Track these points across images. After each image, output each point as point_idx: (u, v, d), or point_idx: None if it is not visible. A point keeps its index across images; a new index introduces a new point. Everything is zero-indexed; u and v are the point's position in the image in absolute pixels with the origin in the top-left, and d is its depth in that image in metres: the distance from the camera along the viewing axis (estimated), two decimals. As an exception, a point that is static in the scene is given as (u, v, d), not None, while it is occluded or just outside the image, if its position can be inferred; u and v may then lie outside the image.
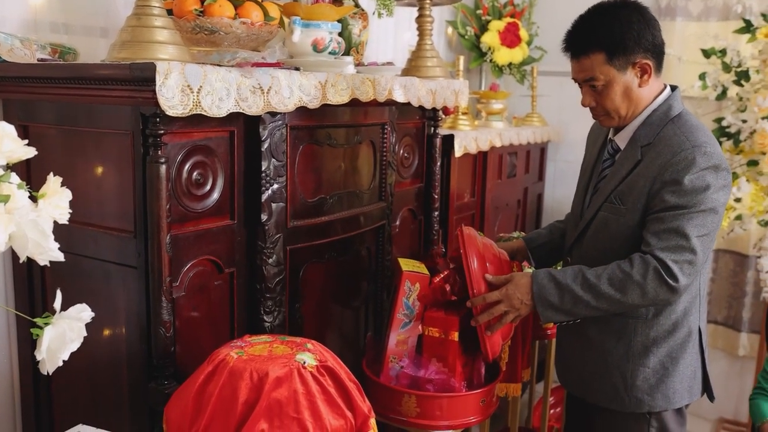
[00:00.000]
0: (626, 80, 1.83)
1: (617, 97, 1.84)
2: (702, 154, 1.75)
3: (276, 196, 1.84)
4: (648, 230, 1.79)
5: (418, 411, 1.92)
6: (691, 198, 1.74)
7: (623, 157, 1.89)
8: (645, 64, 1.81)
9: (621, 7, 1.84)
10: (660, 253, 1.74)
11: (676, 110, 1.87)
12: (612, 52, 1.80)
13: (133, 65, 1.48)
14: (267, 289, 1.86)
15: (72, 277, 1.76)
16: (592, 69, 1.83)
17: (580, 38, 1.86)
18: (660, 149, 1.81)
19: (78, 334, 1.32)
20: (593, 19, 1.85)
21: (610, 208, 1.89)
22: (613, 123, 1.91)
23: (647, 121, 1.87)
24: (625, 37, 1.79)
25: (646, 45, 1.80)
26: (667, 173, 1.76)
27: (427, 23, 2.44)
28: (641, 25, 1.80)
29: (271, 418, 1.39)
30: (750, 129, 3.26)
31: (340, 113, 2.05)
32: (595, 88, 1.85)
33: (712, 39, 3.47)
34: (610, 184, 1.90)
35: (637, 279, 1.74)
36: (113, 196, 1.67)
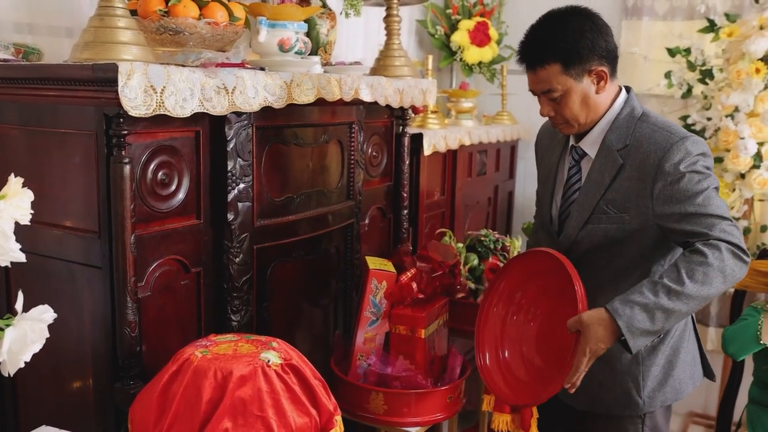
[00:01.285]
0: (583, 88, 1.81)
1: (575, 106, 1.82)
2: (692, 143, 1.74)
3: (242, 196, 1.85)
4: (682, 225, 1.72)
5: (385, 408, 1.93)
6: (698, 182, 1.70)
7: (600, 164, 1.85)
8: (601, 71, 1.80)
9: (572, 15, 1.82)
10: (716, 234, 1.68)
11: (639, 110, 1.87)
12: (567, 62, 1.78)
13: (96, 66, 1.48)
14: (234, 288, 1.86)
15: (37, 278, 1.75)
16: (549, 80, 1.80)
17: (534, 50, 1.83)
18: (646, 149, 1.78)
19: (40, 335, 1.32)
20: (546, 29, 1.83)
21: (605, 219, 1.84)
22: (573, 131, 1.89)
23: (615, 125, 1.85)
24: (580, 46, 1.77)
25: (600, 52, 1.79)
26: (667, 167, 1.73)
27: (395, 23, 2.45)
28: (594, 33, 1.78)
29: (235, 416, 1.40)
30: (714, 126, 3.32)
31: (307, 113, 2.06)
32: (554, 98, 1.83)
33: (677, 38, 3.52)
34: (593, 194, 1.85)
35: (717, 264, 1.65)
36: (78, 197, 1.67)
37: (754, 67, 3.14)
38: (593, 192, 1.85)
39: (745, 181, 3.31)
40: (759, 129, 3.18)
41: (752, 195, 3.38)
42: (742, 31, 3.22)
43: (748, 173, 3.28)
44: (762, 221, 3.59)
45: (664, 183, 1.73)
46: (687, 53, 3.44)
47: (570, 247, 1.90)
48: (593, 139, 1.88)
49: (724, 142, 3.24)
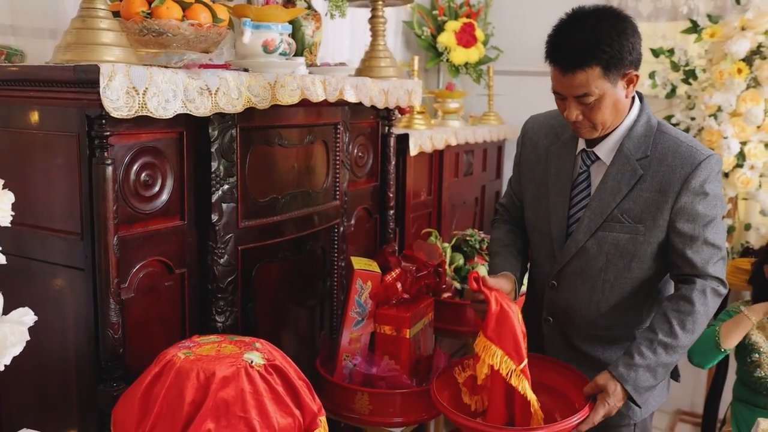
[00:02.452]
0: (616, 92, 1.72)
1: (607, 111, 1.74)
2: (716, 162, 1.76)
3: (227, 197, 1.85)
4: (686, 247, 1.77)
5: (371, 408, 1.93)
6: (714, 206, 1.75)
7: (616, 172, 1.80)
8: (634, 76, 1.73)
9: (611, 17, 1.71)
10: (707, 271, 1.76)
11: (654, 120, 1.84)
12: (609, 66, 1.68)
13: (77, 67, 1.47)
14: (218, 289, 1.86)
15: (20, 279, 1.74)
16: (587, 84, 1.69)
17: (575, 52, 1.69)
18: (671, 162, 1.75)
19: (20, 338, 1.32)
20: (586, 31, 1.69)
21: (618, 227, 1.81)
22: (595, 134, 1.80)
23: (633, 133, 1.80)
24: (623, 50, 1.68)
25: (637, 56, 1.72)
26: (693, 186, 1.73)
27: (380, 24, 2.46)
28: (634, 38, 1.71)
29: (217, 417, 1.40)
30: (698, 126, 3.35)
31: (292, 113, 2.06)
32: (588, 103, 1.72)
33: (661, 39, 3.55)
34: (608, 201, 1.81)
35: (703, 310, 1.76)
36: (61, 198, 1.66)
37: (736, 68, 3.17)
38: (608, 199, 1.81)
39: (728, 180, 3.33)
40: (742, 128, 3.21)
41: (736, 194, 3.41)
42: (725, 32, 3.25)
43: (731, 172, 3.30)
44: (746, 220, 3.62)
45: (688, 199, 1.74)
46: (671, 54, 3.46)
47: (576, 253, 1.85)
48: (610, 145, 1.82)
49: (708, 142, 3.26)
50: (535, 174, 1.97)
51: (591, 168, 1.86)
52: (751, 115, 3.17)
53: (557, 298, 1.93)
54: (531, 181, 1.99)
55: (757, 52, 3.20)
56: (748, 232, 3.58)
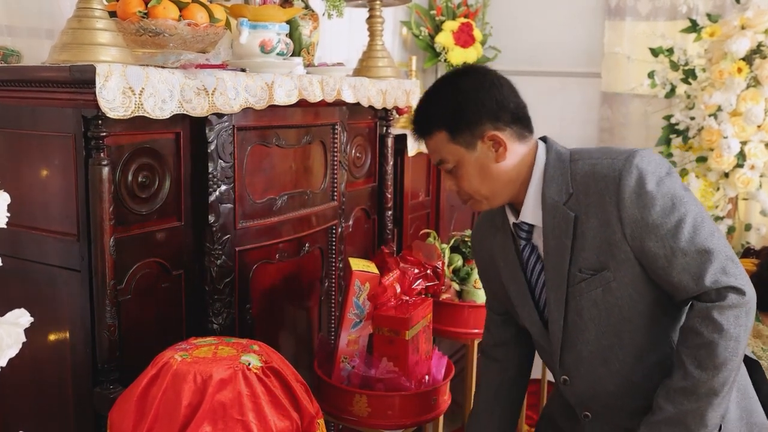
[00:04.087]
0: (478, 158, 1.55)
1: (473, 178, 1.57)
2: (641, 158, 1.48)
3: (224, 198, 1.84)
4: (668, 273, 1.45)
5: (369, 411, 1.92)
6: (672, 205, 1.44)
7: (552, 228, 1.55)
8: (495, 136, 1.53)
9: (462, 76, 1.60)
10: (705, 286, 1.42)
11: (565, 150, 1.60)
12: (453, 129, 1.55)
13: (73, 67, 1.46)
14: (215, 290, 1.85)
15: (16, 281, 1.73)
16: (438, 150, 1.59)
17: (421, 117, 1.61)
18: (595, 188, 1.50)
19: (16, 339, 1.31)
20: (432, 94, 1.61)
21: (585, 287, 1.53)
22: (482, 206, 1.63)
23: (547, 179, 1.56)
24: (465, 110, 1.54)
25: (491, 114, 1.54)
26: (628, 201, 1.45)
27: (378, 24, 2.45)
28: (482, 93, 1.54)
29: (215, 420, 1.39)
30: (698, 126, 3.34)
31: (289, 114, 2.05)
32: (449, 170, 1.60)
33: (660, 38, 3.54)
34: (560, 264, 1.55)
35: (717, 337, 1.40)
36: (57, 200, 1.65)
37: (736, 67, 3.17)
38: (560, 262, 1.55)
39: (728, 180, 3.33)
40: (742, 128, 3.21)
41: (736, 194, 3.40)
42: (724, 31, 3.24)
43: (731, 172, 3.30)
44: (746, 220, 3.62)
45: (633, 214, 1.45)
46: (670, 53, 3.46)
47: (563, 336, 1.59)
48: (532, 206, 1.58)
49: (708, 142, 3.26)
50: (496, 275, 1.74)
51: (533, 239, 1.63)
52: (752, 115, 3.16)
53: (579, 391, 1.64)
54: (495, 283, 1.77)
55: (757, 51, 3.20)
56: (748, 232, 3.57)
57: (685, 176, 3.45)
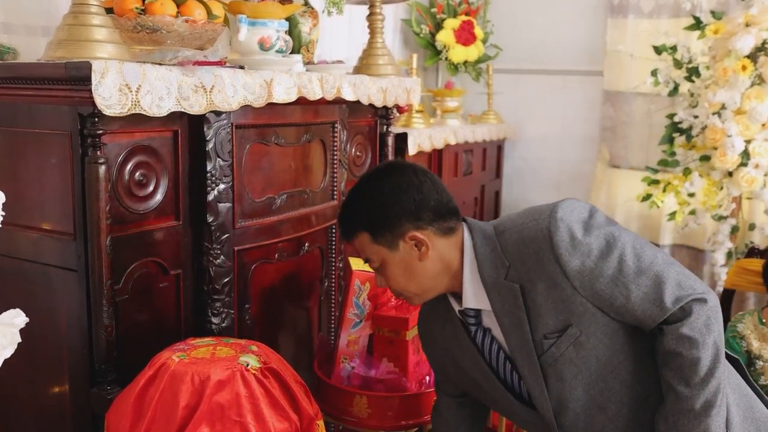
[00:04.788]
0: (402, 257, 1.55)
1: (399, 277, 1.58)
2: (563, 210, 1.48)
3: (222, 197, 1.82)
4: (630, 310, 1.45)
5: (369, 412, 1.90)
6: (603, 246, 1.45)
7: (501, 306, 1.52)
8: (415, 236, 1.53)
9: (381, 176, 1.61)
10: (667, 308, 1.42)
11: (488, 227, 1.58)
12: (374, 230, 1.56)
13: (69, 64, 1.44)
14: (214, 290, 1.83)
15: (12, 281, 1.72)
16: (363, 250, 1.61)
17: (343, 219, 1.64)
18: (529, 253, 1.48)
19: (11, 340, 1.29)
20: (353, 196, 1.63)
21: (557, 349, 1.49)
22: (414, 302, 1.65)
23: (480, 261, 1.54)
24: (384, 210, 1.55)
25: (411, 214, 1.54)
26: (565, 256, 1.44)
27: (378, 21, 2.43)
28: (401, 194, 1.54)
29: (212, 422, 1.37)
30: (702, 124, 3.31)
31: (289, 112, 2.03)
32: (376, 269, 1.62)
33: (663, 36, 3.51)
34: (522, 339, 1.52)
35: (695, 353, 1.40)
36: (53, 198, 1.63)
37: (741, 64, 3.14)
38: (521, 336, 1.52)
39: (732, 179, 3.30)
40: (746, 126, 3.18)
41: (740, 193, 3.38)
42: (728, 28, 3.22)
43: (735, 171, 3.27)
44: (750, 219, 3.59)
45: (576, 265, 1.44)
46: (673, 51, 3.43)
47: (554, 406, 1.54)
48: (473, 291, 1.56)
49: (711, 140, 3.23)
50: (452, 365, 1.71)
51: (483, 322, 1.61)
52: (756, 113, 3.13)
53: None
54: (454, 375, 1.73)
55: (761, 49, 3.17)
56: (752, 232, 3.55)
57: (689, 175, 3.43)
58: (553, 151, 4.25)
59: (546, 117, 4.23)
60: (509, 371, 1.60)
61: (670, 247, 3.94)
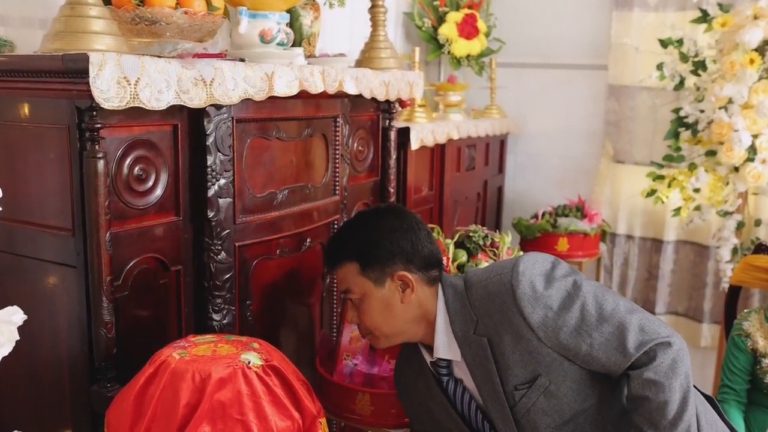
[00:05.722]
0: (384, 295, 1.61)
1: (375, 314, 1.62)
2: (524, 264, 1.53)
3: (223, 192, 1.79)
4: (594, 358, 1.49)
5: (372, 409, 1.89)
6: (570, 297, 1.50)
7: (472, 359, 1.58)
8: (404, 277, 1.60)
9: (382, 214, 1.69)
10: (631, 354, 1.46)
11: (458, 281, 1.65)
12: (365, 262, 1.61)
13: (66, 56, 1.42)
14: (215, 287, 1.81)
15: (11, 277, 1.70)
16: (346, 280, 1.65)
17: (335, 246, 1.70)
18: (495, 308, 1.53)
19: (8, 337, 1.28)
20: (349, 226, 1.71)
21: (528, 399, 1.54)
22: (380, 344, 1.68)
23: (450, 315, 1.61)
24: (380, 245, 1.61)
25: (407, 255, 1.61)
26: (528, 308, 1.49)
27: (380, 14, 2.41)
28: (399, 234, 1.62)
29: (214, 420, 1.35)
30: (708, 119, 3.28)
31: (290, 106, 2.00)
32: (354, 301, 1.65)
33: (669, 29, 3.47)
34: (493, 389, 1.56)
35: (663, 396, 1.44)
36: (52, 194, 1.61)
37: (749, 58, 3.10)
38: (492, 388, 1.57)
39: (738, 175, 3.27)
40: (753, 121, 3.14)
41: (746, 188, 3.35)
42: (736, 21, 3.18)
43: (742, 166, 3.24)
44: (756, 215, 3.56)
45: (539, 318, 1.49)
46: (679, 44, 3.40)
47: None
48: (444, 342, 1.62)
49: (718, 135, 3.20)
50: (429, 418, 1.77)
51: (454, 372, 1.66)
52: (764, 107, 3.10)
53: None
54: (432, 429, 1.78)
55: (770, 42, 3.13)
56: (758, 228, 3.52)
57: (694, 170, 3.40)
58: (557, 146, 4.22)
59: (549, 111, 4.20)
60: (481, 421, 1.64)
61: (674, 243, 3.91)
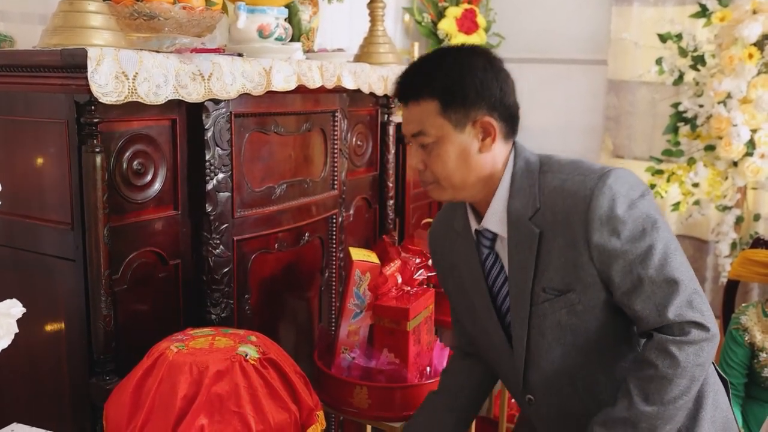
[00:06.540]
0: (463, 141, 1.45)
1: (450, 161, 1.46)
2: (615, 178, 1.40)
3: (221, 186, 1.80)
4: (632, 301, 1.38)
5: (369, 402, 1.89)
6: (642, 232, 1.37)
7: (516, 242, 1.47)
8: (488, 123, 1.44)
9: (466, 52, 1.49)
10: (667, 318, 1.35)
11: (534, 158, 1.51)
12: (448, 101, 1.43)
13: (64, 51, 1.43)
14: (213, 281, 1.82)
15: (11, 271, 1.71)
16: (421, 120, 1.46)
17: (414, 79, 1.49)
18: (563, 206, 1.42)
19: (7, 330, 1.28)
20: (431, 61, 1.50)
21: (550, 307, 1.45)
22: (444, 195, 1.52)
23: (514, 189, 1.48)
24: (466, 85, 1.43)
25: (492, 101, 1.44)
26: (597, 223, 1.37)
27: (379, 9, 2.41)
28: (487, 75, 1.44)
29: (211, 412, 1.36)
30: (707, 114, 3.29)
31: (289, 100, 2.01)
32: (425, 145, 1.47)
33: (669, 24, 3.48)
34: (524, 282, 1.47)
35: (672, 372, 1.34)
36: (51, 188, 1.62)
37: (747, 53, 3.11)
38: (523, 279, 1.47)
39: (737, 169, 3.28)
40: (752, 116, 3.15)
41: (745, 183, 3.35)
42: (735, 16, 3.18)
43: (740, 161, 3.25)
44: (755, 210, 3.56)
45: (601, 239, 1.38)
46: (678, 39, 3.40)
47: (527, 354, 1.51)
48: (497, 214, 1.50)
49: (717, 129, 3.21)
50: (455, 283, 1.66)
51: (496, 247, 1.54)
52: (763, 102, 3.11)
53: (544, 412, 1.57)
54: (456, 294, 1.68)
55: (769, 37, 3.14)
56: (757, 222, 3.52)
57: (693, 165, 3.40)
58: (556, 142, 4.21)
59: (549, 107, 4.20)
60: (504, 298, 1.54)
61: (673, 237, 3.92)
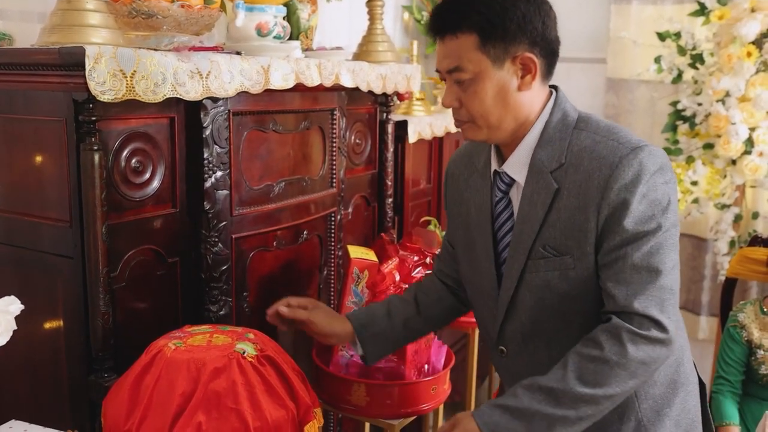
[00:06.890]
0: (502, 77, 1.38)
1: (488, 98, 1.39)
2: (648, 155, 1.35)
3: (219, 184, 1.80)
4: (607, 277, 1.36)
5: (367, 400, 1.89)
6: (651, 218, 1.34)
7: (531, 192, 1.43)
8: (528, 59, 1.38)
9: None
10: (632, 307, 1.32)
11: (573, 114, 1.45)
12: (487, 35, 1.35)
13: (62, 49, 1.43)
14: (212, 278, 1.82)
15: (10, 268, 1.71)
16: (458, 54, 1.38)
17: (448, 14, 1.38)
18: (587, 167, 1.37)
19: (6, 327, 1.29)
20: None
21: (543, 265, 1.42)
22: (479, 135, 1.45)
23: (544, 137, 1.43)
24: (507, 18, 1.34)
25: (534, 35, 1.37)
26: (614, 192, 1.33)
27: (378, 7, 2.41)
28: (531, 8, 1.36)
29: (208, 409, 1.37)
30: (705, 112, 3.29)
31: (287, 99, 2.01)
32: (461, 82, 1.40)
33: (667, 22, 3.48)
34: (528, 234, 1.43)
35: (616, 360, 1.31)
36: (50, 185, 1.62)
37: (746, 51, 3.11)
38: (527, 231, 1.43)
39: (736, 168, 3.28)
40: (750, 114, 3.15)
41: (743, 181, 3.35)
42: (733, 14, 3.18)
43: (739, 159, 3.25)
44: (753, 208, 3.57)
45: (611, 212, 1.34)
46: (677, 37, 3.40)
47: (509, 307, 1.48)
48: (520, 160, 1.45)
49: (715, 128, 3.21)
50: (460, 216, 1.62)
51: (510, 193, 1.50)
52: (761, 100, 3.11)
53: (515, 368, 1.54)
54: (458, 226, 1.64)
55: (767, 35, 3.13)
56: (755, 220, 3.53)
57: (692, 163, 3.41)
58: (556, 140, 4.23)
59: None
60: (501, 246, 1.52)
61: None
